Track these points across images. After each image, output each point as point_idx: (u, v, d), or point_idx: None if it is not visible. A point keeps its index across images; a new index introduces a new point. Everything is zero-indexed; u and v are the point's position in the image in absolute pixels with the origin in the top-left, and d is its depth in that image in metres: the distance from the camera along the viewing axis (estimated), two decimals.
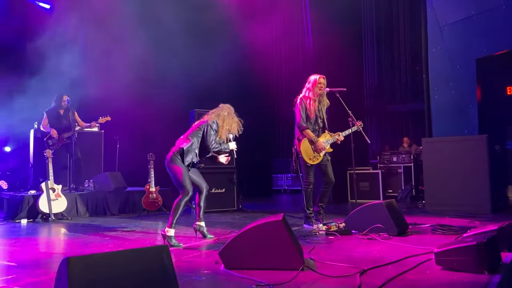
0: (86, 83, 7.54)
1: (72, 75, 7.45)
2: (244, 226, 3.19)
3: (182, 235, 4.64)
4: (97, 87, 7.42)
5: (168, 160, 4.24)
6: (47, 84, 7.33)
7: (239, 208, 7.08)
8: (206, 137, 4.28)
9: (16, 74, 7.20)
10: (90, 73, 7.61)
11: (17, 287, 2.63)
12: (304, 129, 4.85)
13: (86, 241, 4.39)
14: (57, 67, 7.41)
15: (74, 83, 7.46)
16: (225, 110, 4.46)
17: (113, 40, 7.46)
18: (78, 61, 7.73)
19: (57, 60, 7.46)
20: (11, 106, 7.50)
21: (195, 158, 4.29)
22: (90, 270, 1.69)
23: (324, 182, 4.97)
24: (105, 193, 6.90)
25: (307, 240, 3.97)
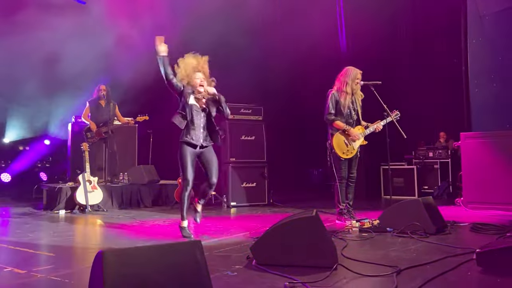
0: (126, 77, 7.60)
1: (113, 68, 7.52)
2: (275, 221, 3.16)
3: (213, 229, 4.66)
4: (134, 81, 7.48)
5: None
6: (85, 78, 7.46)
7: (270, 202, 7.06)
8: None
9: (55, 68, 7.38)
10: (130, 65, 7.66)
11: (55, 277, 2.71)
12: (332, 121, 4.76)
13: (120, 233, 4.48)
14: (94, 61, 7.52)
15: (115, 77, 7.52)
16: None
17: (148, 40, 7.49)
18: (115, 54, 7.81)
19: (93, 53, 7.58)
20: (51, 100, 7.74)
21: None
22: (124, 264, 1.71)
23: (347, 177, 4.87)
24: (139, 186, 7.04)
25: (339, 237, 3.89)
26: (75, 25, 7.13)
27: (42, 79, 7.12)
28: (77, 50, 7.06)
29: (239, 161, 6.98)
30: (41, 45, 6.91)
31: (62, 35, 6.97)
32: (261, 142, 7.18)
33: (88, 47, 7.03)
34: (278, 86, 8.83)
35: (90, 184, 6.14)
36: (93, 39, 7.13)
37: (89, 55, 7.22)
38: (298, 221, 2.89)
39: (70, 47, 7.11)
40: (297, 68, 8.49)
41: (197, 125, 4.04)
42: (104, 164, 7.16)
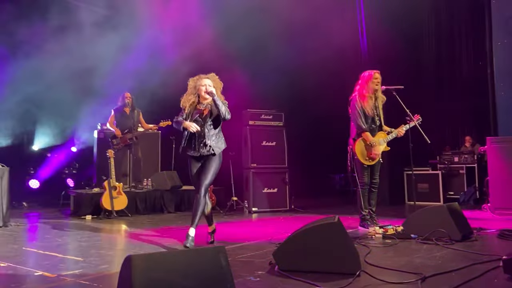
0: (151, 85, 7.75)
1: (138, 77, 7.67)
2: (297, 227, 3.17)
3: (235, 234, 4.70)
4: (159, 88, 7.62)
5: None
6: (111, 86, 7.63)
7: (291, 208, 7.06)
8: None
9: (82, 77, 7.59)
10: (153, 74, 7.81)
11: (84, 281, 2.79)
12: (364, 131, 4.70)
13: (145, 238, 4.57)
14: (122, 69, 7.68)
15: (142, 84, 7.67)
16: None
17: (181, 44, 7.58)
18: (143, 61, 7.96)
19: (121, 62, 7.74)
20: (78, 108, 7.96)
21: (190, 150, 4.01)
22: (152, 268, 1.76)
23: (370, 183, 4.82)
24: (162, 192, 7.15)
25: (362, 243, 3.87)
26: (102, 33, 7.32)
27: (71, 87, 7.34)
28: (105, 59, 7.24)
29: (260, 166, 7.02)
30: (71, 56, 7.14)
31: (91, 46, 7.17)
32: (282, 148, 7.21)
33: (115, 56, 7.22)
34: (298, 92, 8.82)
35: (115, 190, 6.28)
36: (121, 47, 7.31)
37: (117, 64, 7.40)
38: (320, 227, 2.89)
39: (99, 57, 7.30)
40: (318, 73, 8.47)
41: (198, 135, 3.92)
42: (128, 170, 7.31)
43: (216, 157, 3.94)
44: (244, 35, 7.47)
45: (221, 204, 7.19)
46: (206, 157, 3.94)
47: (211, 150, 3.91)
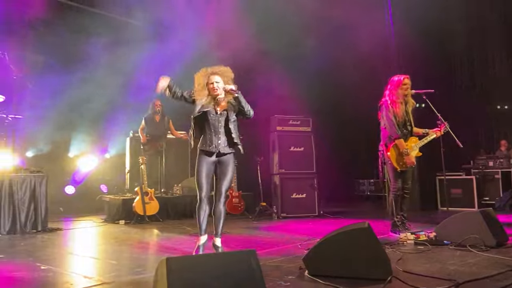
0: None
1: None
2: (326, 233, 3.18)
3: (264, 239, 4.73)
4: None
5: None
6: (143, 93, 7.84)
7: (320, 213, 7.02)
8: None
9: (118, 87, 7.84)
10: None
11: (120, 283, 2.89)
12: (397, 138, 4.65)
13: (177, 242, 4.67)
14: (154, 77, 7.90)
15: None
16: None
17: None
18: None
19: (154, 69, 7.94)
20: (112, 116, 8.23)
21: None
22: (187, 270, 1.82)
23: (402, 188, 4.75)
24: (192, 197, 7.25)
25: (393, 249, 3.82)
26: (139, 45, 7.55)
27: (106, 96, 7.60)
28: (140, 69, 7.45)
29: (288, 172, 7.04)
30: (111, 67, 7.41)
31: (127, 58, 7.41)
32: (310, 153, 7.20)
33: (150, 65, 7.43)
34: (327, 96, 8.78)
35: (147, 196, 6.45)
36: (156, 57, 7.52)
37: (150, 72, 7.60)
38: (350, 233, 2.89)
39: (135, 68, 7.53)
40: (347, 78, 8.41)
41: (214, 130, 3.68)
42: (159, 176, 7.49)
43: (233, 159, 3.78)
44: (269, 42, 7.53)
45: (249, 210, 7.24)
46: (223, 157, 3.70)
47: (231, 149, 3.72)
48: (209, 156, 3.69)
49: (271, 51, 7.82)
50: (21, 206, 5.34)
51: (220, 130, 3.68)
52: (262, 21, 7.34)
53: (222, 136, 3.69)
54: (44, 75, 6.85)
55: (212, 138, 3.67)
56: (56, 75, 6.96)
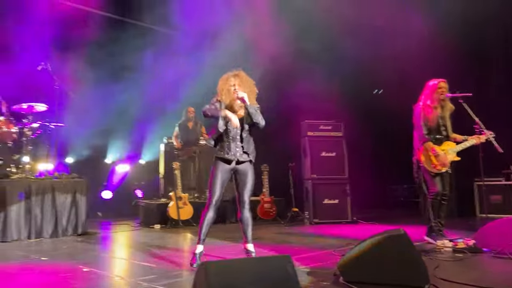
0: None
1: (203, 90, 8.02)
2: (359, 239, 3.16)
3: (297, 245, 4.72)
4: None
5: None
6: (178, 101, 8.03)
7: (353, 219, 6.94)
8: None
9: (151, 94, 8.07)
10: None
11: (158, 286, 2.98)
12: (425, 141, 4.58)
13: (211, 246, 4.74)
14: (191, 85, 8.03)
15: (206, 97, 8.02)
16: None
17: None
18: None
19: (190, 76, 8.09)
20: (147, 123, 8.48)
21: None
22: (225, 274, 1.87)
23: (440, 194, 4.63)
24: (225, 203, 7.34)
25: (430, 256, 3.74)
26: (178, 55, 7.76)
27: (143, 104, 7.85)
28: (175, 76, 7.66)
29: (320, 177, 7.00)
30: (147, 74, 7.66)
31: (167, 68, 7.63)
32: (342, 158, 7.14)
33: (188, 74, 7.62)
34: (360, 101, 8.67)
35: (181, 201, 6.58)
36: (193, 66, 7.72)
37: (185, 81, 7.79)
38: (386, 239, 2.86)
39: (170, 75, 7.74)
40: (379, 81, 8.29)
41: (233, 137, 3.64)
42: (192, 182, 7.63)
43: (251, 167, 3.72)
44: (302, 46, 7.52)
45: (281, 215, 7.25)
46: (241, 165, 3.65)
47: (249, 157, 3.68)
48: (226, 163, 3.64)
49: (304, 55, 7.81)
50: (63, 210, 5.58)
51: (238, 138, 3.65)
52: (296, 24, 7.34)
53: (240, 144, 3.65)
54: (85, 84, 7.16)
55: (231, 146, 3.63)
56: (96, 84, 7.27)
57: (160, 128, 8.25)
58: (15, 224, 5.18)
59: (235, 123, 3.56)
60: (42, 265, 3.74)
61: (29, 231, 5.28)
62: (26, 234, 5.26)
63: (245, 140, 3.67)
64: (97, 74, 7.37)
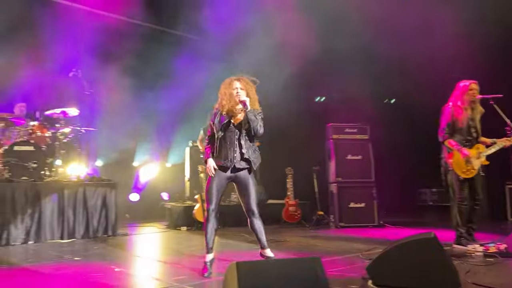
0: None
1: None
2: (387, 243, 3.13)
3: (323, 249, 4.71)
4: None
5: None
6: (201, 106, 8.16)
7: (380, 223, 6.85)
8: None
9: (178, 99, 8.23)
10: None
11: (189, 286, 3.04)
12: (444, 139, 4.52)
13: (236, 248, 4.80)
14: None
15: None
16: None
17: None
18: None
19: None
20: (173, 127, 8.64)
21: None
22: (255, 275, 1.91)
23: (472, 199, 4.52)
24: None
25: (461, 261, 3.67)
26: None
27: (170, 108, 8.01)
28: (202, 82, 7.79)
29: (345, 181, 6.94)
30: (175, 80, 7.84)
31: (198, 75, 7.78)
32: (368, 161, 7.07)
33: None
34: (386, 103, 8.57)
35: None
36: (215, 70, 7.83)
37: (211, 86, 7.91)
38: (416, 243, 2.84)
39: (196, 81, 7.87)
40: (407, 82, 8.14)
41: (230, 143, 3.48)
42: None
43: (251, 175, 3.55)
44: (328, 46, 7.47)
45: (306, 218, 7.24)
46: (238, 172, 3.50)
47: (246, 164, 3.50)
48: (223, 171, 3.50)
49: (331, 57, 7.76)
50: (94, 212, 5.75)
51: (236, 143, 3.49)
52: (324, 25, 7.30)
53: (238, 149, 3.49)
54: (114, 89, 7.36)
55: (228, 152, 3.47)
56: (125, 89, 7.46)
57: (186, 132, 8.37)
58: (48, 226, 5.37)
59: (211, 174, 3.51)
60: (76, 265, 3.87)
61: (62, 232, 5.46)
62: (59, 235, 5.44)
63: (245, 146, 3.51)
64: (126, 80, 7.56)
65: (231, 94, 3.50)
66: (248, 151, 3.51)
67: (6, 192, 5.11)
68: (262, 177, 8.54)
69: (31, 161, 5.51)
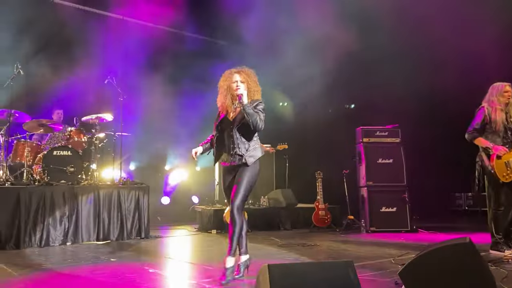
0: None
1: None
2: (420, 248, 3.08)
3: (354, 253, 4.66)
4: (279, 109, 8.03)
5: None
6: None
7: (413, 228, 6.71)
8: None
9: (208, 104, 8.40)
10: None
11: (216, 287, 3.10)
12: (473, 138, 4.42)
13: (266, 252, 4.82)
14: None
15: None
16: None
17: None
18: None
19: None
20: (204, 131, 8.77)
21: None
22: (287, 277, 1.92)
23: (510, 204, 4.36)
24: (279, 209, 7.41)
25: (497, 267, 3.56)
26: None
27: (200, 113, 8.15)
28: None
29: (376, 184, 6.85)
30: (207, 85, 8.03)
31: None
32: (400, 165, 6.95)
33: None
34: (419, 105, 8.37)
35: None
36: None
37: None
38: (450, 248, 2.77)
39: None
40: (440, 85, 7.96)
41: (227, 140, 3.40)
42: None
43: (249, 168, 3.35)
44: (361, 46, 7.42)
45: (336, 223, 7.18)
46: (238, 168, 3.38)
47: (242, 160, 3.34)
48: (226, 170, 3.49)
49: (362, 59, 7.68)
50: (128, 215, 5.91)
51: (231, 140, 3.38)
52: (358, 26, 7.24)
53: (232, 146, 3.37)
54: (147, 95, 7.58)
55: (225, 149, 3.41)
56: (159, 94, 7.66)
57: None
58: (85, 227, 5.56)
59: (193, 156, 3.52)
60: (112, 266, 4.00)
61: (98, 234, 5.64)
62: (95, 237, 5.62)
63: (238, 142, 3.36)
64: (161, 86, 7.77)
65: (229, 88, 3.40)
66: (241, 147, 3.35)
67: (46, 195, 5.33)
68: (290, 180, 8.56)
69: (68, 165, 5.73)
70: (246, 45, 7.93)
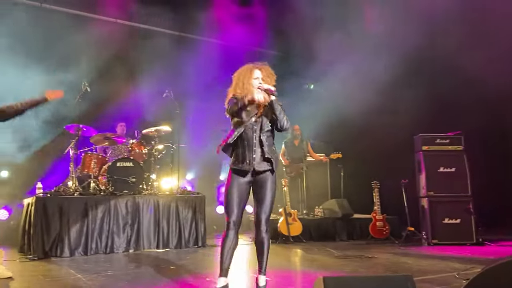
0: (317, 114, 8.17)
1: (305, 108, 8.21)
2: (486, 262, 2.89)
3: (415, 267, 4.47)
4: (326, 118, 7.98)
5: None
6: None
7: (478, 241, 6.31)
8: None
9: None
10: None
11: None
12: None
13: (321, 263, 4.75)
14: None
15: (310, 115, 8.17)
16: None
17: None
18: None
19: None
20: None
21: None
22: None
23: None
24: (334, 220, 7.29)
25: None
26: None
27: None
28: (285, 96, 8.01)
29: (438, 195, 6.54)
30: None
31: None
32: (463, 174, 6.58)
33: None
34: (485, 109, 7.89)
35: (291, 217, 6.70)
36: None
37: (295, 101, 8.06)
38: None
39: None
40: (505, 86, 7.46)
41: (248, 142, 3.03)
42: (301, 198, 7.73)
43: (273, 176, 3.09)
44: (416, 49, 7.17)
45: (395, 234, 6.92)
46: (258, 175, 3.06)
47: (268, 166, 3.05)
48: (242, 176, 3.06)
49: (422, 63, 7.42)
50: (185, 224, 6.10)
51: (255, 142, 3.03)
52: (417, 28, 7.03)
53: (258, 149, 3.03)
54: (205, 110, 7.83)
55: (246, 153, 3.03)
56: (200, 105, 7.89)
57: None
58: (146, 236, 5.81)
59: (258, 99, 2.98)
60: (172, 274, 4.14)
61: (158, 242, 5.87)
62: (155, 245, 5.85)
63: (266, 144, 3.05)
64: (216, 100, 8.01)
65: (249, 84, 3.06)
66: (268, 150, 3.05)
67: (111, 204, 5.65)
68: (346, 190, 8.39)
69: (131, 176, 6.04)
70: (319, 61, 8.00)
